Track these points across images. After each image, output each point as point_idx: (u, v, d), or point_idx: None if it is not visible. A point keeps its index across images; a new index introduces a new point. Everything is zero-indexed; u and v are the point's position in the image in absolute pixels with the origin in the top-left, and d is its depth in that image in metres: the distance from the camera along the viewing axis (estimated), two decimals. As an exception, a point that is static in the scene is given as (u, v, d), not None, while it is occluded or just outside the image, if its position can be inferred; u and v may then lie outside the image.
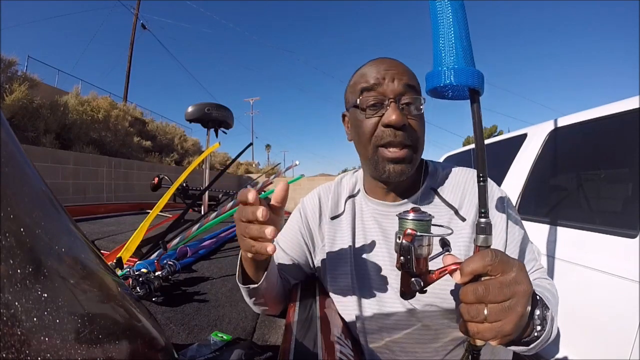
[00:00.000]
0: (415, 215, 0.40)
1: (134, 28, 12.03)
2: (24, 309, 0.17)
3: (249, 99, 33.71)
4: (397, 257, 0.39)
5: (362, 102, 0.56)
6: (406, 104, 0.54)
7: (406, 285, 0.39)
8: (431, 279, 0.39)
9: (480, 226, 0.38)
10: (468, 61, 0.39)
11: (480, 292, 0.34)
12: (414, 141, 0.54)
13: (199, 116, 1.45)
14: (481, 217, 0.38)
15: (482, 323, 0.35)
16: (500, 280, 0.34)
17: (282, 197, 0.46)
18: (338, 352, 0.44)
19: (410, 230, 0.39)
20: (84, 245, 0.25)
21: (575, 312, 1.16)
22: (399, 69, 0.55)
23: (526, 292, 0.35)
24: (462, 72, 0.38)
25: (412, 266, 0.38)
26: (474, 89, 0.39)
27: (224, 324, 0.58)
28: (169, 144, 11.38)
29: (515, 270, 0.35)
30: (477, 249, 0.38)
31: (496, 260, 0.35)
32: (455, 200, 0.58)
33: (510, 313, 0.34)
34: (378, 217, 0.62)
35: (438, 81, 0.39)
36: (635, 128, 1.16)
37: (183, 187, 1.57)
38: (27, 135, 5.87)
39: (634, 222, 1.07)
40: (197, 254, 0.93)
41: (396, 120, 0.52)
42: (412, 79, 0.56)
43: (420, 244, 0.39)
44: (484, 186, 0.39)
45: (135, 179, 7.62)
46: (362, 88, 0.56)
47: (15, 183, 0.19)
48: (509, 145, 1.92)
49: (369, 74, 0.56)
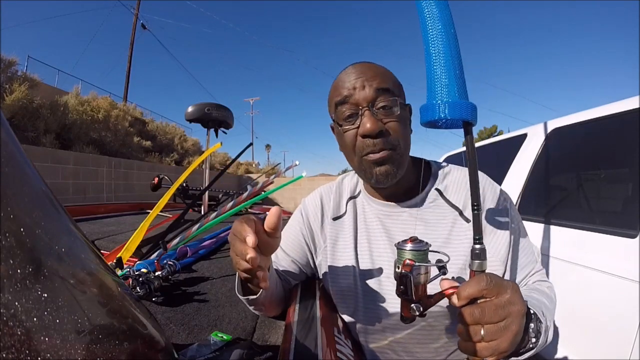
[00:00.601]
0: (413, 246, 0.42)
1: (134, 28, 12.04)
2: (24, 309, 0.17)
3: (249, 99, 33.74)
4: (397, 285, 0.41)
5: (338, 117, 0.56)
6: (382, 107, 0.53)
7: (406, 311, 0.41)
8: (430, 303, 0.41)
9: (475, 252, 0.40)
10: (462, 94, 0.40)
11: (477, 314, 0.36)
12: (394, 144, 0.54)
13: (199, 116, 1.45)
14: (476, 243, 0.40)
15: (480, 342, 0.37)
16: (495, 303, 0.37)
17: (275, 224, 0.44)
18: (338, 352, 0.44)
19: (408, 260, 0.41)
20: (84, 245, 0.25)
21: (575, 312, 1.16)
22: (369, 74, 0.54)
23: (520, 312, 0.37)
24: (456, 106, 0.40)
25: (411, 294, 0.40)
26: (467, 121, 0.41)
27: (224, 324, 0.58)
28: (169, 144, 11.38)
29: (509, 292, 0.37)
30: (473, 274, 0.40)
31: (491, 284, 0.37)
32: (459, 201, 0.58)
33: (505, 332, 0.36)
34: (382, 217, 0.61)
35: (432, 115, 0.41)
36: (635, 128, 1.16)
37: (183, 187, 1.57)
38: (27, 135, 5.87)
39: (634, 222, 1.07)
40: (197, 254, 0.93)
41: (370, 129, 0.52)
42: (384, 81, 0.54)
43: (418, 272, 0.41)
44: (478, 215, 0.41)
45: (135, 179, 7.62)
46: (336, 102, 0.56)
47: (15, 183, 0.19)
48: (509, 145, 1.92)
49: (341, 87, 0.56)
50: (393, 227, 0.60)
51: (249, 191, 1.17)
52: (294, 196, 12.99)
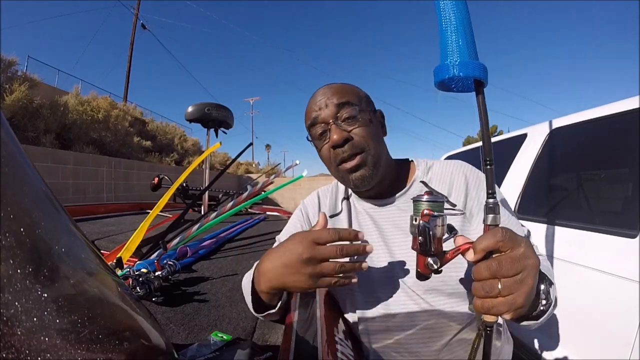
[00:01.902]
0: (429, 197, 0.43)
1: (134, 28, 12.04)
2: (24, 309, 0.17)
3: (249, 99, 33.75)
4: (414, 238, 0.41)
5: (312, 137, 0.63)
6: (345, 119, 0.58)
7: (422, 266, 0.41)
8: (446, 259, 0.40)
9: (488, 206, 0.40)
10: (472, 55, 0.42)
11: (494, 267, 0.36)
12: (362, 147, 0.58)
13: (199, 116, 1.46)
14: (489, 197, 0.40)
15: (496, 297, 0.36)
16: (511, 256, 0.36)
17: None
18: (338, 352, 0.44)
19: (427, 210, 0.41)
20: (84, 245, 0.25)
21: (575, 312, 1.16)
22: (329, 94, 0.60)
23: (535, 265, 0.37)
24: (467, 65, 0.41)
25: (430, 245, 0.40)
26: (478, 80, 0.41)
27: (224, 324, 0.58)
28: (169, 144, 11.38)
29: (523, 246, 0.37)
30: (487, 228, 0.40)
31: (506, 236, 0.37)
32: (444, 189, 0.61)
33: (522, 286, 0.36)
34: (373, 214, 0.64)
35: (445, 74, 0.42)
36: (635, 128, 1.16)
37: (183, 187, 1.57)
38: (27, 135, 5.87)
39: (634, 222, 1.06)
40: (197, 254, 0.93)
41: (336, 139, 0.57)
42: (343, 95, 0.60)
43: (435, 224, 0.40)
44: (491, 169, 0.41)
45: (135, 179, 7.61)
46: (308, 125, 0.63)
47: (15, 183, 0.19)
48: (509, 145, 1.92)
49: (309, 111, 0.62)
50: (384, 222, 0.62)
51: (249, 191, 1.17)
52: (294, 196, 12.99)
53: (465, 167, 0.64)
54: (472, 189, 0.60)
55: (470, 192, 0.60)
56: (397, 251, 0.58)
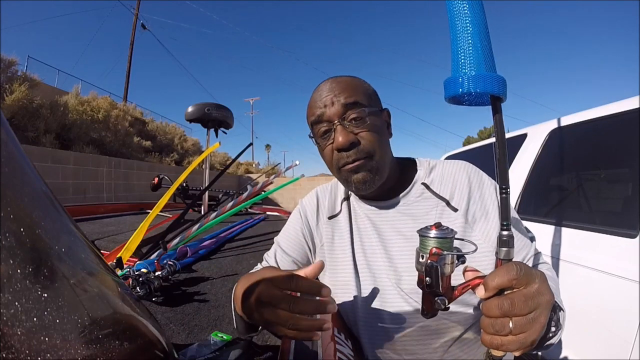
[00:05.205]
0: (438, 233, 0.38)
1: (134, 28, 12.03)
2: (24, 309, 0.17)
3: (249, 99, 33.70)
4: (421, 277, 0.37)
5: (315, 135, 0.59)
6: (352, 119, 0.55)
7: (429, 305, 0.38)
8: (454, 295, 0.37)
9: (502, 239, 0.37)
10: (489, 66, 0.37)
11: (506, 306, 0.34)
12: (369, 153, 0.55)
13: (199, 116, 1.46)
14: (503, 229, 0.37)
15: (507, 336, 0.34)
16: (525, 293, 0.34)
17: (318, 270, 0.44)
18: (338, 352, 0.44)
19: (435, 249, 0.37)
20: (84, 245, 0.25)
21: (575, 312, 1.16)
22: (336, 90, 0.56)
23: (549, 302, 0.35)
24: (483, 79, 0.36)
25: (438, 286, 0.36)
26: (496, 96, 0.37)
27: (224, 324, 0.58)
28: (169, 144, 11.37)
29: (537, 282, 0.35)
30: (500, 263, 0.37)
31: (521, 273, 0.34)
32: (446, 192, 0.59)
33: (534, 324, 0.34)
34: (372, 216, 0.63)
35: (455, 89, 0.37)
36: (635, 128, 1.16)
37: (183, 187, 1.57)
38: (27, 135, 5.86)
39: (634, 222, 1.06)
40: (197, 254, 0.93)
41: (342, 143, 0.54)
42: (352, 95, 0.56)
43: (444, 262, 0.37)
44: (507, 198, 0.38)
45: (135, 179, 7.61)
46: (311, 122, 0.59)
47: (15, 183, 0.19)
48: (509, 145, 1.91)
49: (313, 106, 0.58)
50: (382, 225, 0.61)
51: (249, 191, 1.17)
52: (294, 196, 12.98)
53: (469, 169, 0.61)
54: (476, 192, 0.58)
55: (474, 195, 0.58)
56: (395, 256, 0.58)
